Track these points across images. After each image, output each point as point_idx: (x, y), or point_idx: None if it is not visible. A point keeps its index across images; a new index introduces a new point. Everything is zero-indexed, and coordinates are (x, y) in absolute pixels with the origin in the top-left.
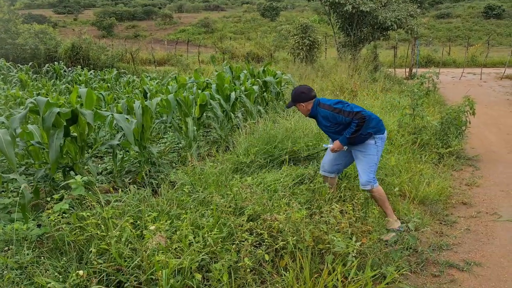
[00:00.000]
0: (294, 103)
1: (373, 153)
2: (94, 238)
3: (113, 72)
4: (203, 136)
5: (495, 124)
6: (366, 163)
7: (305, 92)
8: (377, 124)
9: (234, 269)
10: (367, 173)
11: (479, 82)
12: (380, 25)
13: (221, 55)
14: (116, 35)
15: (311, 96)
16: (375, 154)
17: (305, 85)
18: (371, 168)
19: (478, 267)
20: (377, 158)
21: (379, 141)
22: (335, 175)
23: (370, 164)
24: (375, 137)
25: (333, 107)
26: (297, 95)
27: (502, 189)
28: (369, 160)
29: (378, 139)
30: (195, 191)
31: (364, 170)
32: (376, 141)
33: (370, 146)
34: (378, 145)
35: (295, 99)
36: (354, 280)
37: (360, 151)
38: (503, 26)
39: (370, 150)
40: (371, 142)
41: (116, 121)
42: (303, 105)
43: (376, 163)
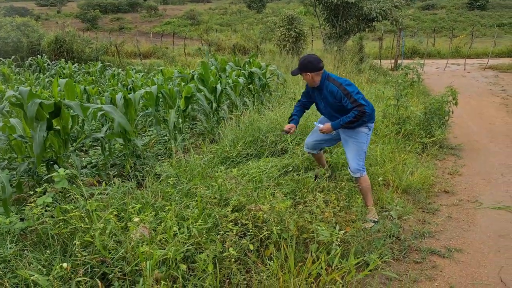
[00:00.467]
0: (301, 72)
1: (363, 141)
2: (78, 231)
3: (98, 65)
4: (189, 129)
5: (478, 114)
6: (356, 150)
7: (313, 62)
8: (372, 113)
9: (219, 259)
10: (356, 161)
11: (463, 73)
12: (365, 16)
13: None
14: (100, 27)
15: (319, 67)
16: (365, 142)
17: (314, 55)
18: (361, 156)
19: (459, 253)
20: (366, 146)
21: (370, 131)
22: (317, 151)
23: (360, 152)
24: (367, 125)
25: (344, 87)
26: (305, 64)
27: (483, 178)
28: (359, 148)
29: (370, 128)
30: (180, 183)
31: (354, 158)
32: (367, 130)
33: (362, 134)
34: (368, 134)
35: (302, 67)
36: (338, 267)
37: (351, 137)
38: (487, 17)
39: (361, 138)
40: (364, 130)
41: (107, 112)
42: (309, 75)
43: (365, 151)
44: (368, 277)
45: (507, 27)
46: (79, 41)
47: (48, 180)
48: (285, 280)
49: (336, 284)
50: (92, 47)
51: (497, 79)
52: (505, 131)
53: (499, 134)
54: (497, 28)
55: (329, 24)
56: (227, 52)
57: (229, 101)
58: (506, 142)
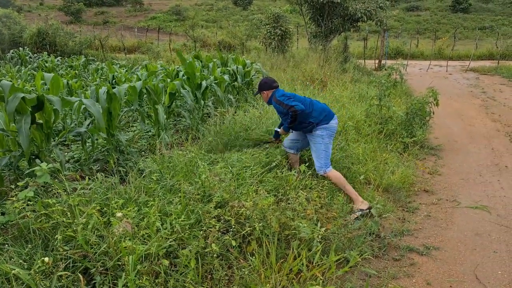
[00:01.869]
0: (259, 91)
1: (319, 142)
2: (60, 226)
3: (81, 59)
4: (173, 125)
5: (458, 115)
6: (314, 151)
7: (268, 82)
8: (319, 114)
9: (202, 255)
10: (317, 160)
11: (445, 74)
12: (350, 16)
13: (193, 43)
14: (84, 21)
15: (272, 86)
16: (321, 143)
17: (270, 77)
18: (320, 155)
19: (437, 251)
20: (324, 146)
21: (323, 131)
22: (294, 151)
23: (318, 152)
24: (317, 128)
25: (277, 99)
26: (261, 84)
27: (462, 178)
28: (316, 149)
29: (322, 129)
30: (163, 179)
31: (315, 157)
32: (320, 131)
33: (316, 136)
34: (322, 134)
35: (259, 87)
36: (318, 264)
37: (311, 140)
38: (470, 20)
39: (316, 140)
40: (317, 133)
41: (86, 106)
42: (265, 93)
43: (324, 150)
44: (348, 273)
45: (488, 31)
46: (62, 34)
47: (29, 174)
48: (266, 276)
49: (317, 280)
50: (75, 40)
51: (478, 81)
52: (484, 133)
53: (478, 135)
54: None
55: (315, 23)
56: (213, 48)
57: (213, 97)
58: (485, 143)
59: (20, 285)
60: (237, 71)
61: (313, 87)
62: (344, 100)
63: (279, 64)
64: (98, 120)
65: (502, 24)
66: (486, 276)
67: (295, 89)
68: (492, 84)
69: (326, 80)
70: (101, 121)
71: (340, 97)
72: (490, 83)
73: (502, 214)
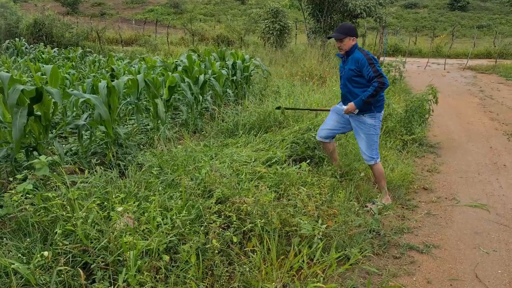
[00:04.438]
0: (346, 36)
1: (372, 132)
2: (59, 219)
3: (78, 50)
4: (172, 119)
5: (456, 113)
6: (365, 140)
7: (354, 28)
8: (382, 98)
9: (202, 251)
10: (368, 149)
11: (442, 72)
12: (350, 12)
13: (191, 37)
14: (81, 12)
15: (356, 33)
16: (374, 133)
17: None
18: (373, 145)
19: (437, 249)
20: (376, 136)
21: (377, 120)
22: (329, 140)
23: (370, 142)
24: (372, 114)
25: (369, 56)
26: (348, 28)
27: (460, 176)
28: (369, 139)
29: (375, 118)
30: (163, 173)
31: (365, 146)
32: (374, 120)
33: (369, 125)
34: (376, 124)
35: (346, 32)
36: (319, 261)
37: (361, 128)
38: (467, 18)
39: (369, 128)
40: (370, 122)
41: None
42: (351, 40)
43: (376, 141)
44: (349, 271)
45: (485, 29)
46: (59, 26)
47: (27, 166)
48: (267, 272)
49: (317, 277)
50: (72, 32)
51: (476, 80)
52: (482, 131)
53: (476, 134)
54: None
55: (314, 18)
56: (211, 42)
57: (212, 92)
58: (483, 141)
59: (19, 279)
60: (236, 66)
61: (313, 83)
62: None
63: (277, 59)
64: (103, 114)
65: (500, 23)
66: (486, 275)
67: (294, 85)
68: (489, 83)
69: (325, 76)
70: (105, 115)
71: (340, 93)
72: (488, 81)
73: (501, 213)
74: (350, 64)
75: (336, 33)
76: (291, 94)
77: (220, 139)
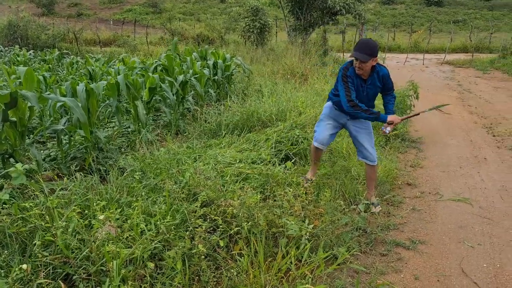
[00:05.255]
0: (371, 57)
1: (371, 130)
2: (38, 230)
3: (55, 52)
4: (153, 121)
5: None
6: (368, 140)
7: (377, 46)
8: None
9: (188, 256)
10: (372, 149)
11: (421, 67)
12: (329, 9)
13: (170, 36)
14: (57, 13)
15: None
16: (371, 131)
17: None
18: (373, 144)
19: (423, 245)
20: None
21: None
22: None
23: (371, 141)
24: None
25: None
26: (375, 48)
27: (443, 170)
28: (371, 137)
29: None
30: (146, 178)
31: (370, 147)
32: None
33: (369, 123)
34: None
35: (371, 52)
36: (307, 262)
37: (363, 128)
38: (443, 14)
39: (369, 128)
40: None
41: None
42: (373, 61)
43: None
44: (337, 270)
45: (461, 24)
46: (34, 27)
47: (4, 175)
48: (255, 275)
49: (306, 278)
50: (48, 33)
51: (454, 74)
52: (462, 125)
53: (457, 128)
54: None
55: (294, 16)
56: (191, 42)
57: (193, 92)
58: (463, 135)
59: None
60: (217, 65)
61: (295, 80)
62: (326, 94)
63: (258, 57)
64: (80, 117)
65: (475, 18)
66: (472, 269)
67: (276, 83)
68: (467, 77)
69: (307, 74)
70: (83, 118)
71: (322, 90)
72: (465, 75)
73: (484, 206)
74: (376, 81)
75: (360, 53)
76: (273, 93)
77: (203, 140)
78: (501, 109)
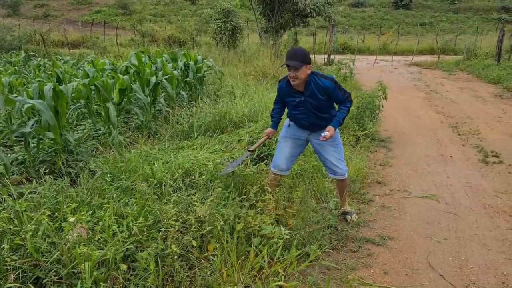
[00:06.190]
0: (303, 63)
1: (339, 141)
2: (6, 234)
3: (21, 54)
4: (125, 123)
5: (405, 108)
6: (336, 153)
7: (308, 54)
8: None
9: (161, 257)
10: (340, 162)
11: (390, 69)
12: (300, 11)
13: (141, 38)
14: (23, 14)
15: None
16: (340, 142)
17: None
18: (342, 156)
19: (392, 241)
20: (341, 144)
21: None
22: (289, 171)
23: (340, 153)
24: None
25: (334, 80)
26: (305, 55)
27: (411, 168)
28: (340, 149)
29: None
30: (117, 180)
31: (336, 160)
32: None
33: (337, 134)
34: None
35: (303, 59)
36: (280, 260)
37: (329, 142)
38: (411, 16)
39: (338, 139)
40: (336, 130)
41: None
42: (307, 68)
43: (342, 149)
44: (309, 267)
45: (428, 26)
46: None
47: None
48: (228, 274)
49: (279, 276)
50: (14, 35)
51: (421, 75)
52: (429, 125)
53: (424, 127)
54: (420, 27)
55: (265, 18)
56: (162, 44)
57: (165, 94)
58: (430, 134)
59: None
60: (189, 67)
61: (266, 82)
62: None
63: (230, 59)
64: (48, 119)
65: (441, 20)
66: (438, 263)
67: (248, 85)
68: (434, 78)
69: (279, 75)
70: (51, 120)
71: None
72: (432, 76)
73: (450, 202)
74: (316, 93)
75: (292, 60)
76: (245, 94)
77: (176, 141)
78: (466, 109)
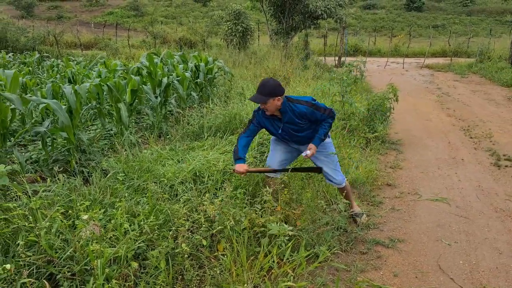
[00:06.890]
0: (268, 97)
1: (333, 150)
2: (21, 230)
3: (35, 55)
4: (136, 123)
5: (415, 110)
6: (330, 163)
7: (279, 85)
8: None
9: (172, 256)
10: (336, 172)
11: (401, 71)
12: (311, 13)
13: (153, 39)
14: (37, 16)
15: (283, 90)
16: (334, 150)
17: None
18: (338, 166)
19: (401, 244)
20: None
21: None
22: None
23: (334, 163)
24: (329, 134)
25: (311, 103)
26: (272, 88)
27: (421, 171)
28: (333, 159)
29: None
30: (129, 179)
31: (335, 171)
32: (329, 137)
33: (328, 144)
34: (331, 140)
35: (272, 92)
36: (289, 260)
37: (320, 152)
38: (423, 19)
39: (330, 149)
40: (329, 140)
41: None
42: (276, 100)
43: (337, 159)
44: (318, 268)
45: (440, 29)
46: (14, 30)
47: None
48: (238, 274)
49: (288, 276)
50: (28, 36)
51: (433, 78)
52: (440, 127)
53: (435, 130)
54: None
55: (276, 20)
56: (173, 45)
57: (176, 95)
58: (442, 137)
59: None
60: (199, 68)
61: None
62: None
63: (241, 60)
64: (64, 119)
65: (454, 23)
66: (449, 266)
67: None
68: (446, 81)
69: (289, 77)
70: (66, 120)
71: (303, 93)
72: (444, 79)
73: (461, 205)
74: (294, 119)
75: (258, 95)
76: None
77: (186, 142)
78: (478, 112)
